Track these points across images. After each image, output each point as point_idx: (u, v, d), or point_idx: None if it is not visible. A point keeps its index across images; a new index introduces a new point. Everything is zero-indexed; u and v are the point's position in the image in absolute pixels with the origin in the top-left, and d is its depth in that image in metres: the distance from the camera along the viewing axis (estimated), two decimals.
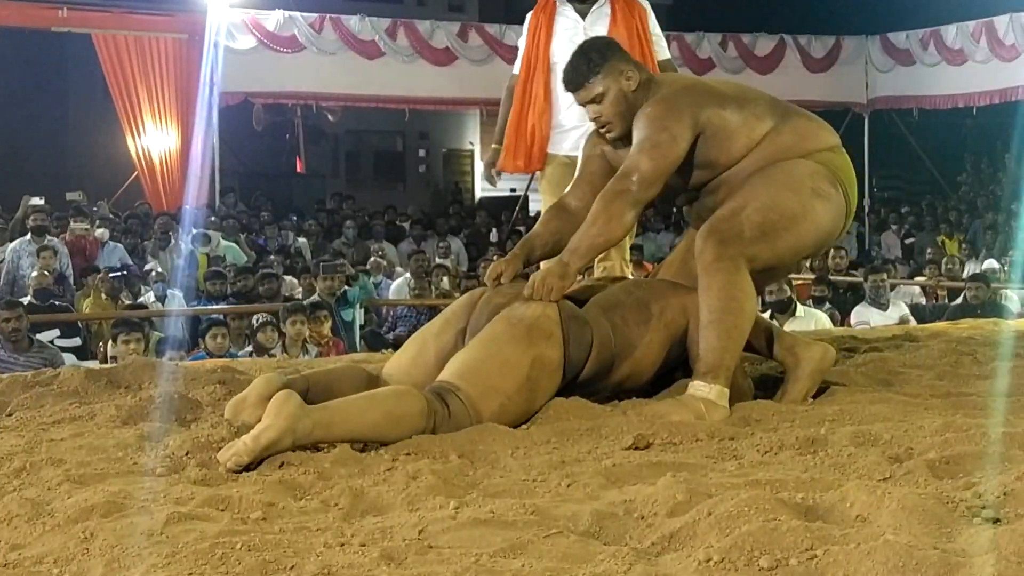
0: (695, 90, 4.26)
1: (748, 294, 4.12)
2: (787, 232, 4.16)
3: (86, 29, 17.18)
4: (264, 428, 3.25)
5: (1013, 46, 17.75)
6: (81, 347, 10.01)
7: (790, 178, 4.17)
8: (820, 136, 4.35)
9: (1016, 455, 3.12)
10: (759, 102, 4.30)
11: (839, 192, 4.29)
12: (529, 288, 3.99)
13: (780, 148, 4.22)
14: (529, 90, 5.66)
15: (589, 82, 4.23)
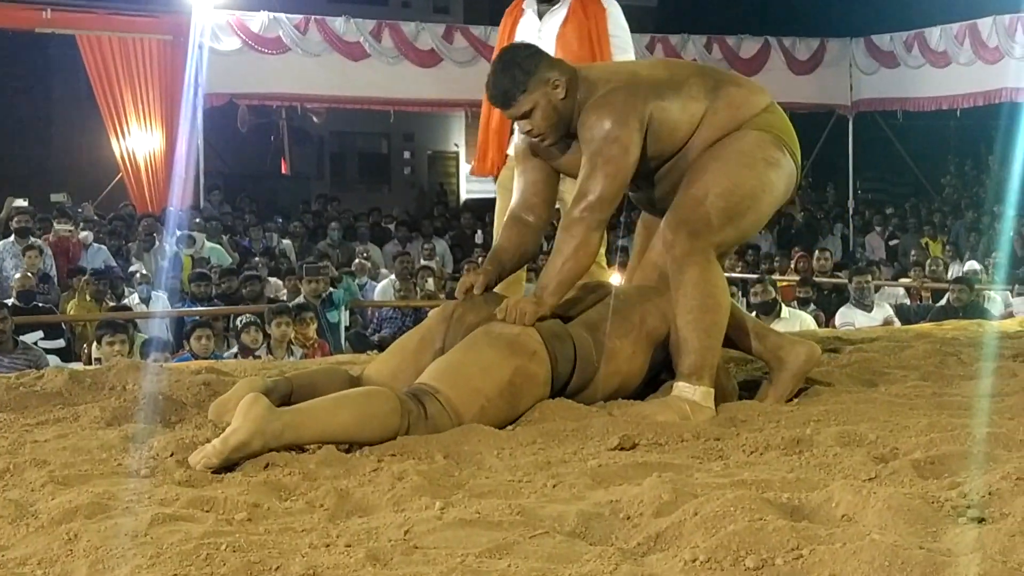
0: (633, 86, 4.13)
1: (722, 288, 4.14)
2: (750, 211, 4.17)
3: (70, 30, 17.12)
4: (232, 431, 3.25)
5: (997, 48, 17.80)
6: (65, 349, 9.98)
7: (742, 155, 4.14)
8: (753, 101, 4.27)
9: (1001, 455, 3.13)
10: (690, 80, 4.21)
11: (786, 154, 4.26)
12: (502, 312, 3.97)
13: (720, 125, 4.17)
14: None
15: (516, 100, 4.09)
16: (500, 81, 4.12)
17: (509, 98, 4.11)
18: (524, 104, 4.09)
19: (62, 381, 4.40)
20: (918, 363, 5.03)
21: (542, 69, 4.09)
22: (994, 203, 19.32)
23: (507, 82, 4.10)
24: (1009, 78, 17.58)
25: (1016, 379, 4.56)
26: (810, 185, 23.76)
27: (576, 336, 4.00)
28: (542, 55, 4.21)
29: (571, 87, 4.10)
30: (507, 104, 4.14)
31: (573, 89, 4.11)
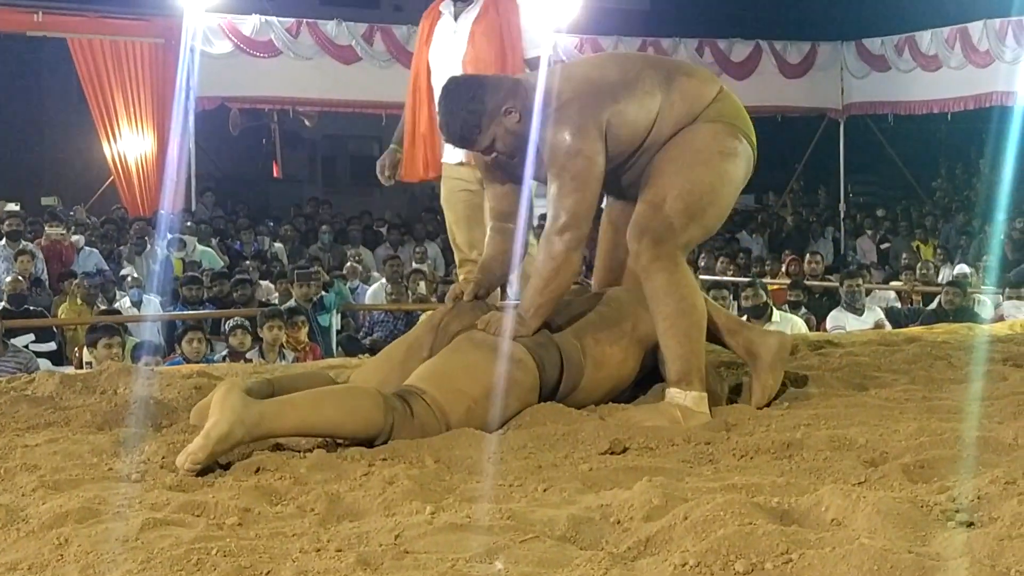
0: (587, 95, 4.08)
1: (694, 288, 4.13)
2: (710, 206, 4.16)
3: (61, 33, 17.10)
4: (212, 424, 3.24)
5: (987, 52, 17.84)
6: (56, 352, 9.97)
7: (696, 152, 4.13)
8: (704, 92, 4.24)
9: (990, 459, 3.14)
10: (643, 75, 4.17)
11: (741, 139, 4.24)
12: (483, 323, 3.98)
13: (676, 118, 4.15)
14: (417, 96, 5.57)
15: (475, 140, 4.08)
16: (451, 126, 4.09)
17: (467, 141, 4.12)
18: (483, 141, 4.08)
19: (53, 385, 4.40)
20: (908, 367, 5.04)
21: (489, 101, 4.03)
22: (985, 206, 19.36)
23: (459, 126, 4.06)
24: (999, 82, 17.62)
25: (1006, 383, 4.57)
26: (801, 188, 23.81)
27: (561, 342, 4.00)
28: (484, 85, 4.13)
29: (524, 107, 4.06)
30: (467, 146, 4.17)
31: (528, 107, 4.06)
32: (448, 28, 5.51)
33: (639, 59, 4.46)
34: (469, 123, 4.04)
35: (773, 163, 24.37)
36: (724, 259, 14.75)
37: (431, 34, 5.54)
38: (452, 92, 4.11)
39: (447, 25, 5.52)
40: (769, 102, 20.02)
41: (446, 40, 5.48)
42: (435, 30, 5.54)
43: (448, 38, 5.48)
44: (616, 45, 19.07)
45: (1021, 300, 10.85)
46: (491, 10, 5.44)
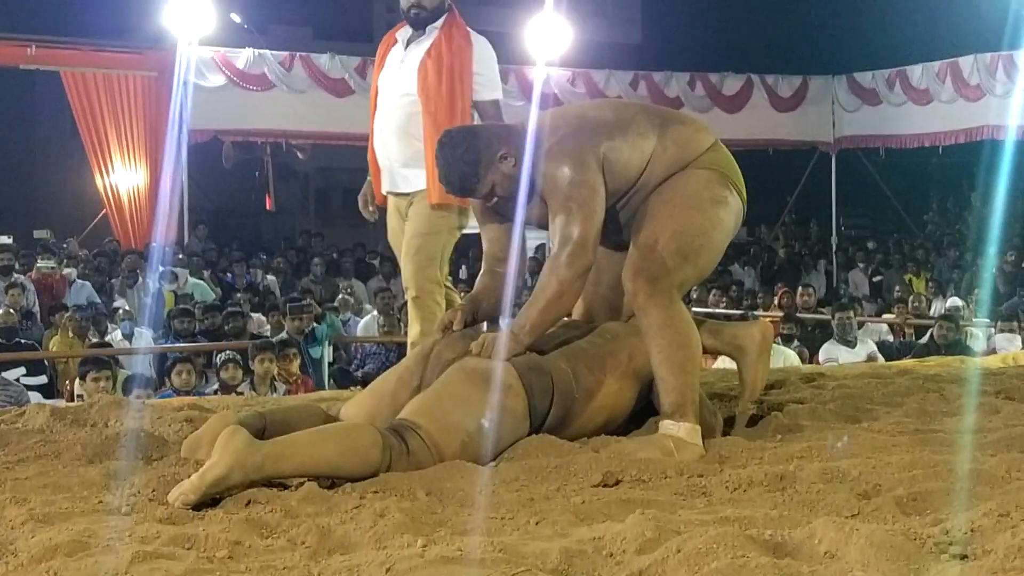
0: (582, 130, 4.16)
1: (689, 323, 4.16)
2: (703, 248, 4.21)
3: (55, 67, 17.13)
4: (210, 465, 3.24)
5: (978, 86, 17.94)
6: (47, 385, 9.95)
7: (689, 196, 4.19)
8: (698, 140, 4.31)
9: (983, 492, 3.13)
10: (637, 118, 4.25)
11: (732, 191, 4.30)
12: (478, 346, 3.99)
13: (668, 163, 4.21)
14: (371, 123, 5.60)
15: (475, 189, 4.14)
16: (451, 179, 4.15)
17: (468, 191, 4.18)
18: (483, 189, 4.14)
19: (44, 418, 4.38)
20: (901, 399, 5.04)
21: (483, 149, 4.09)
22: (976, 239, 19.42)
23: (459, 179, 4.12)
24: (990, 115, 17.72)
25: (998, 416, 4.57)
26: (793, 221, 23.88)
27: (554, 368, 3.99)
28: (476, 134, 4.20)
29: (518, 152, 4.12)
30: (469, 195, 4.22)
31: (522, 152, 4.12)
32: (398, 56, 5.53)
33: (634, 105, 4.57)
34: (467, 174, 4.10)
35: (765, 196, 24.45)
36: (717, 292, 14.77)
37: (383, 62, 5.57)
38: (446, 145, 4.16)
39: (397, 53, 5.55)
40: (761, 135, 20.12)
41: (395, 67, 5.50)
42: (387, 57, 5.57)
43: (396, 66, 5.50)
44: (608, 79, 19.16)
45: (1013, 333, 10.88)
46: (443, 45, 5.45)
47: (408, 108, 5.44)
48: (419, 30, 5.49)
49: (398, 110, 5.47)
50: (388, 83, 5.52)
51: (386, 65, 5.56)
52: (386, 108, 5.52)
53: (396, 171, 5.52)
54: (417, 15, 5.47)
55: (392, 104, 5.49)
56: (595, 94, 18.67)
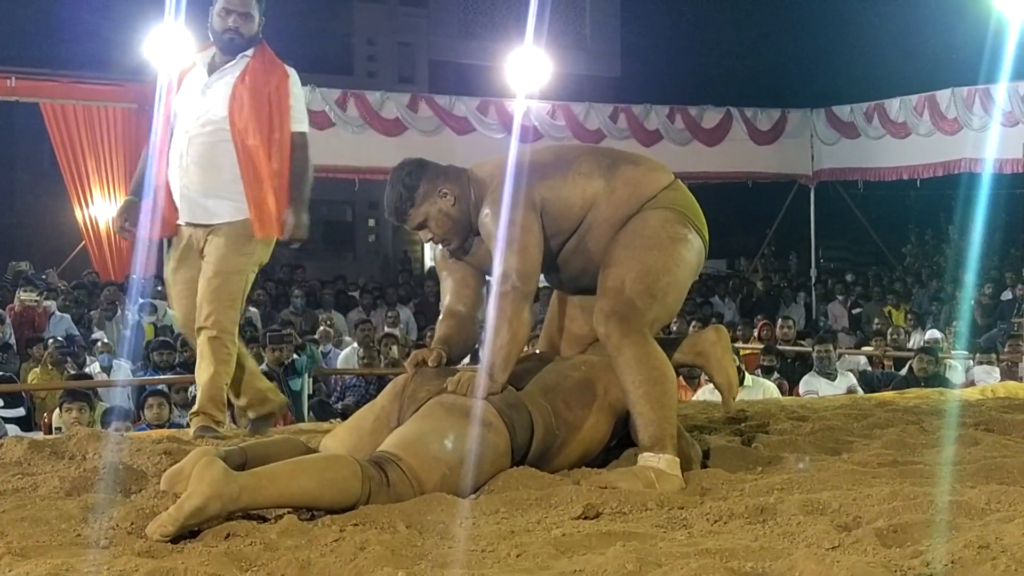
0: (516, 175, 4.24)
1: (663, 359, 4.20)
2: (669, 287, 4.26)
3: (35, 98, 17.12)
4: (187, 496, 3.22)
5: (955, 120, 18.04)
6: (25, 418, 9.88)
7: (648, 237, 4.24)
8: (652, 180, 4.36)
9: (963, 523, 3.14)
10: (580, 159, 4.34)
11: (691, 229, 4.35)
12: (454, 383, 4.00)
13: (619, 202, 4.27)
14: (165, 148, 5.40)
15: (408, 215, 4.27)
16: (389, 198, 4.29)
17: (400, 214, 4.28)
18: (416, 217, 4.28)
19: (21, 450, 4.36)
20: (881, 431, 5.05)
21: (426, 182, 4.24)
22: (954, 272, 19.50)
23: (395, 199, 4.28)
24: (968, 149, 17.82)
25: (978, 447, 4.59)
26: (773, 254, 23.94)
27: (533, 404, 4.00)
28: (426, 167, 4.31)
29: (462, 193, 4.26)
30: (400, 219, 4.31)
31: (465, 193, 4.27)
32: (199, 81, 5.36)
33: (580, 147, 4.76)
34: (403, 197, 4.26)
35: (744, 229, 24.64)
36: (696, 323, 14.77)
37: (179, 85, 5.39)
38: (397, 169, 4.33)
39: (199, 78, 5.37)
40: (740, 168, 20.19)
41: (197, 93, 5.33)
42: (184, 80, 5.40)
43: (198, 92, 5.33)
44: (587, 111, 19.22)
45: (992, 365, 10.90)
46: (258, 73, 5.34)
47: (213, 136, 5.29)
48: (229, 56, 5.35)
49: (202, 138, 5.30)
50: (189, 109, 5.34)
51: (183, 89, 5.38)
52: (187, 135, 5.33)
53: (196, 201, 5.34)
54: (232, 40, 5.35)
55: (194, 131, 5.31)
56: (575, 127, 18.74)
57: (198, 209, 5.35)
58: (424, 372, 4.15)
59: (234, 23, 5.34)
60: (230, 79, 5.32)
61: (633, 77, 27.08)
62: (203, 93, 5.33)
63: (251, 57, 5.36)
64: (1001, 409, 5.81)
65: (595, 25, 29.43)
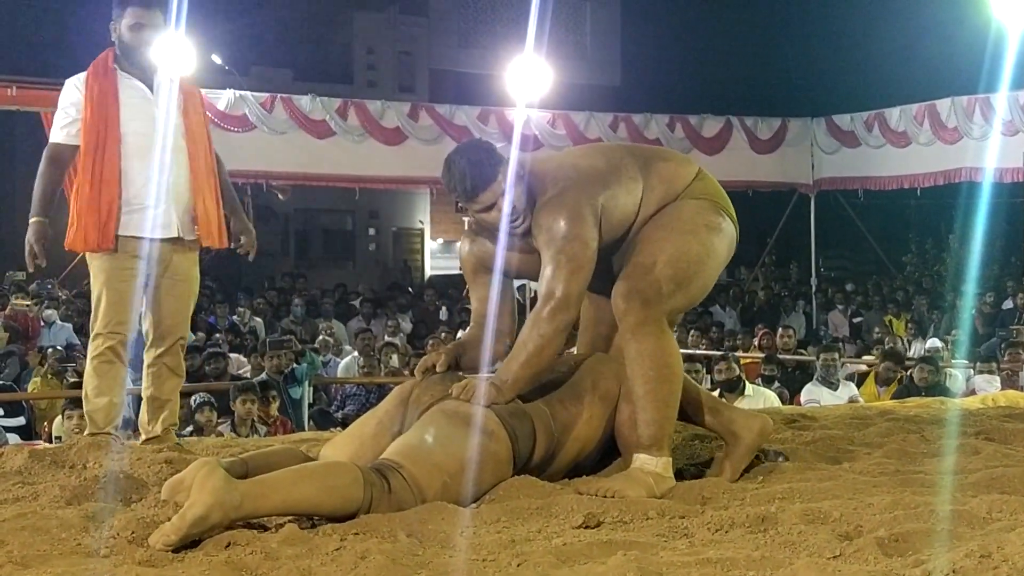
0: (580, 183, 4.17)
1: (677, 357, 4.18)
2: (696, 276, 4.24)
3: (35, 108, 17.10)
4: (189, 505, 3.21)
5: (955, 129, 18.05)
6: (25, 427, 9.87)
7: (684, 223, 4.24)
8: (682, 173, 4.38)
9: (964, 532, 3.13)
10: (625, 162, 4.31)
11: (724, 217, 4.38)
12: (459, 389, 3.99)
13: (656, 200, 4.27)
14: (99, 162, 5.27)
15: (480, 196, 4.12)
16: (463, 174, 4.12)
17: (476, 191, 4.11)
18: (489, 197, 4.12)
19: (22, 459, 4.36)
20: (882, 440, 5.04)
21: (504, 166, 4.11)
22: (955, 281, 19.50)
23: (476, 176, 4.10)
24: (968, 158, 17.82)
25: (979, 456, 4.58)
26: (773, 263, 23.96)
27: (533, 411, 4.00)
28: (496, 153, 4.19)
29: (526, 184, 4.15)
30: (472, 196, 4.13)
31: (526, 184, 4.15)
32: (139, 94, 5.31)
33: (618, 148, 4.54)
34: (475, 179, 4.09)
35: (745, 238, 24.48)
36: (696, 333, 14.78)
37: (118, 99, 5.27)
38: (473, 146, 4.25)
39: (141, 93, 5.32)
40: (740, 177, 20.17)
41: (147, 109, 5.29)
42: (122, 96, 5.29)
43: (148, 108, 5.29)
44: (588, 121, 19.24)
45: (992, 374, 10.90)
46: (188, 92, 5.43)
47: (182, 151, 5.33)
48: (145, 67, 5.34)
49: (179, 152, 5.31)
50: (139, 122, 5.27)
51: (125, 104, 5.27)
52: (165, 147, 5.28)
53: (179, 215, 5.30)
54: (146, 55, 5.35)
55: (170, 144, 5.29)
56: (575, 136, 18.74)
57: (182, 224, 5.36)
58: (430, 377, 4.15)
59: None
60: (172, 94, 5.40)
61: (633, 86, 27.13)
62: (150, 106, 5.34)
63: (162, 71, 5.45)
64: (1002, 418, 5.81)
65: (595, 34, 29.48)
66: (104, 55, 5.34)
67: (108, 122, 5.22)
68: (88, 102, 5.22)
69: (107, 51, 5.36)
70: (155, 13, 5.36)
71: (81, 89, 5.25)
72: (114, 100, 5.24)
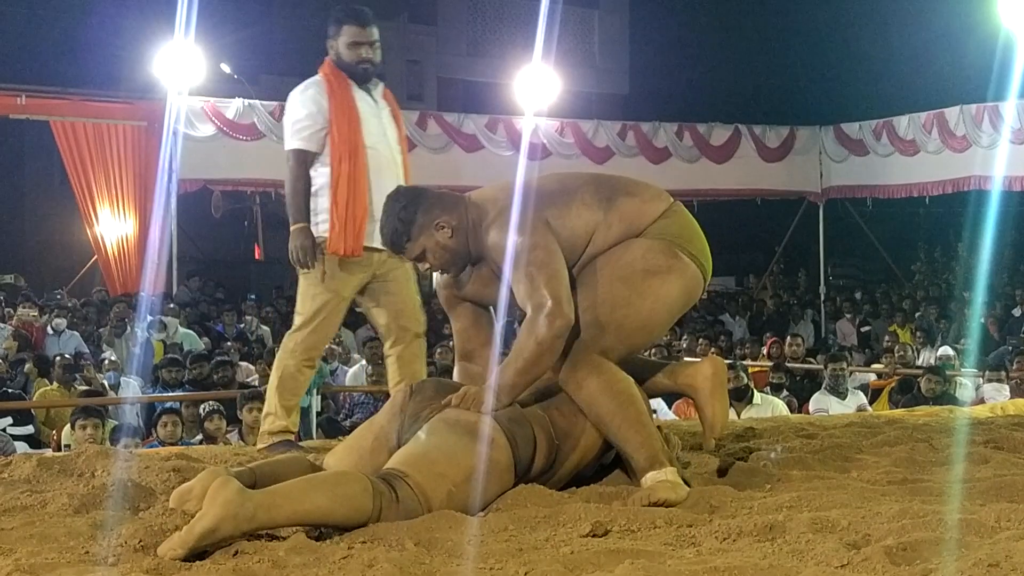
0: (524, 197, 4.15)
1: (624, 380, 4.14)
2: (627, 319, 4.14)
3: (44, 116, 17.16)
4: (199, 517, 3.21)
5: (964, 137, 18.03)
6: (33, 435, 9.89)
7: (619, 267, 4.15)
8: (646, 211, 4.24)
9: (972, 541, 3.13)
10: (583, 188, 4.22)
11: (679, 257, 4.22)
12: (458, 398, 3.99)
13: (614, 239, 4.18)
14: (352, 171, 5.43)
15: (405, 248, 4.24)
16: (385, 231, 4.25)
17: (397, 247, 4.25)
18: (413, 251, 4.23)
19: (30, 468, 4.36)
20: (890, 449, 5.04)
21: (422, 214, 4.18)
22: (963, 289, 19.47)
23: (390, 232, 4.23)
24: (976, 166, 17.80)
25: (987, 465, 4.57)
26: (782, 271, 23.95)
27: (533, 417, 4.00)
28: (421, 200, 4.24)
29: (459, 223, 4.18)
30: (397, 252, 4.29)
31: (463, 223, 4.18)
32: (370, 108, 5.56)
33: (583, 176, 4.44)
34: (399, 231, 4.20)
35: (753, 246, 24.65)
36: (705, 341, 14.77)
37: (356, 111, 5.50)
38: (392, 199, 4.28)
39: (371, 106, 5.56)
40: (748, 185, 20.20)
41: (373, 120, 5.53)
42: (358, 106, 5.52)
43: (374, 118, 5.53)
44: (596, 129, 19.26)
45: (1001, 383, 10.88)
46: (395, 104, 5.69)
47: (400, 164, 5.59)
48: (364, 83, 5.57)
49: (399, 165, 5.58)
50: (377, 134, 5.54)
51: (364, 117, 5.51)
52: (385, 160, 5.54)
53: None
54: (366, 71, 5.56)
55: (390, 157, 5.55)
56: (583, 144, 18.77)
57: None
58: (424, 391, 4.14)
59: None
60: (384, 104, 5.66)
61: (642, 94, 27.15)
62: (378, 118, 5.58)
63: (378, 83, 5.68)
64: (1011, 427, 5.80)
65: (604, 43, 29.48)
66: (330, 68, 5.60)
67: (353, 133, 5.47)
68: (334, 112, 5.46)
69: (327, 63, 5.62)
70: (371, 30, 5.60)
71: (321, 100, 5.50)
72: (355, 112, 5.50)
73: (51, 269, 19.70)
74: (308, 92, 5.54)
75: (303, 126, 5.50)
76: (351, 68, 5.54)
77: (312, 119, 5.48)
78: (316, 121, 5.48)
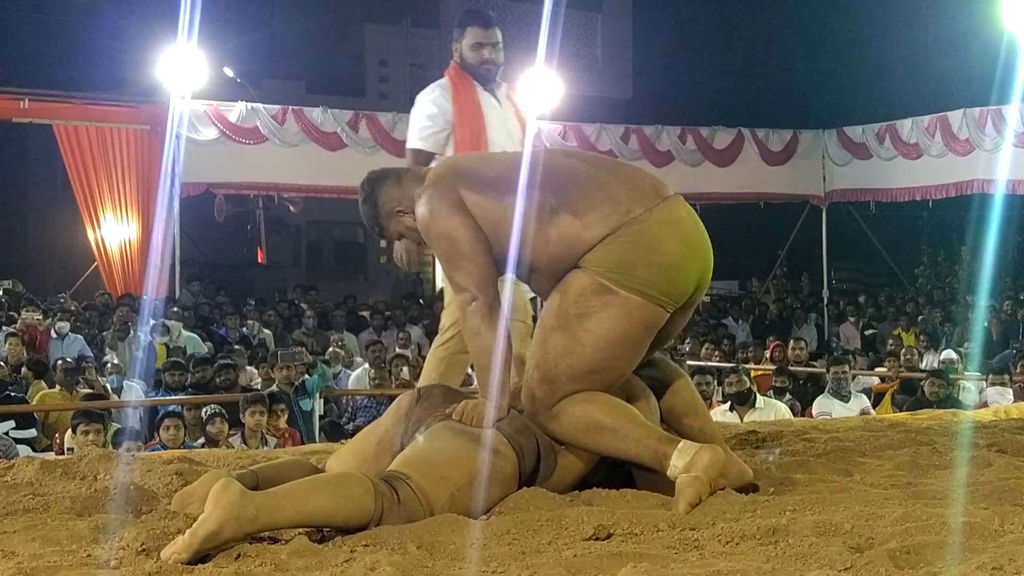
0: (440, 177, 4.11)
1: (604, 403, 4.02)
2: (572, 368, 4.00)
3: (47, 120, 17.18)
4: (202, 520, 3.20)
5: (967, 140, 18.04)
6: (36, 439, 9.90)
7: (554, 316, 4.02)
8: (584, 238, 3.98)
9: (976, 545, 3.12)
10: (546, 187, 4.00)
11: (614, 292, 3.96)
12: (458, 414, 3.97)
13: (553, 258, 4.01)
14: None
15: (385, 234, 4.33)
16: (364, 218, 4.33)
17: (377, 234, 4.36)
18: (393, 235, 4.34)
19: (33, 471, 4.36)
20: (893, 452, 5.03)
21: (384, 201, 4.21)
22: (967, 293, 19.47)
23: (365, 221, 4.32)
24: (979, 170, 17.81)
25: (990, 469, 4.56)
26: (785, 275, 23.95)
27: (534, 426, 4.00)
28: (381, 187, 4.24)
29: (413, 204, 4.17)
30: (381, 237, 4.40)
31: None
32: (495, 110, 5.68)
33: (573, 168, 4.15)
34: (370, 220, 4.30)
35: (756, 249, 24.65)
36: (709, 345, 14.78)
37: (479, 109, 5.63)
38: (360, 186, 4.31)
39: (494, 106, 5.68)
40: (751, 189, 20.21)
41: (499, 121, 5.65)
42: (482, 107, 5.64)
43: (500, 119, 5.66)
44: (599, 132, 19.26)
45: (1004, 386, 10.87)
46: (514, 99, 5.80)
47: None
48: (488, 84, 5.70)
49: None
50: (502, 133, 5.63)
51: (489, 120, 5.63)
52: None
53: None
54: (489, 71, 5.70)
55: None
56: (586, 148, 18.76)
57: None
58: (431, 397, 4.13)
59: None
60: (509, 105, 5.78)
61: (645, 98, 27.15)
62: (503, 120, 5.68)
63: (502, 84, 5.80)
64: (1014, 430, 5.79)
65: (607, 46, 29.51)
66: (455, 70, 5.72)
67: (478, 134, 5.58)
68: (458, 114, 5.60)
69: (452, 65, 5.75)
70: (493, 32, 5.72)
71: (444, 102, 5.64)
72: (480, 113, 5.61)
73: (53, 274, 19.70)
74: (433, 94, 5.70)
75: (424, 126, 5.68)
76: (475, 69, 5.67)
77: (433, 120, 5.64)
78: (437, 123, 5.63)
